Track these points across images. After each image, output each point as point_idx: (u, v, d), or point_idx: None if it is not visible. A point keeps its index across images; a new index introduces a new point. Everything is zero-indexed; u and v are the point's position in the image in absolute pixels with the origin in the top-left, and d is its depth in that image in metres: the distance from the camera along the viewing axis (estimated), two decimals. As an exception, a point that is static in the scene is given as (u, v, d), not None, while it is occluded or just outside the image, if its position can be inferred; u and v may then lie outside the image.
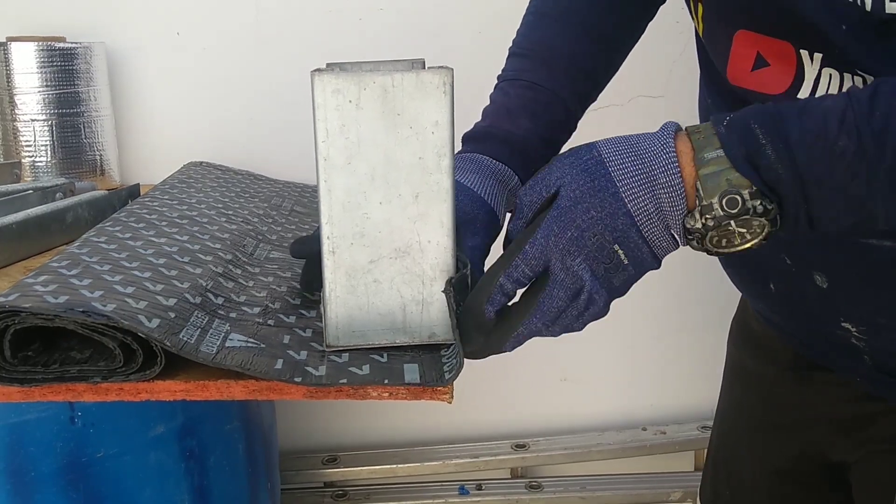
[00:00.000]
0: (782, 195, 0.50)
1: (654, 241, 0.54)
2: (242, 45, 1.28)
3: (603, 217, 0.53)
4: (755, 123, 0.50)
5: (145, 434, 0.88)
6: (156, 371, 0.54)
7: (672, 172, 0.52)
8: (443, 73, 0.53)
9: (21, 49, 1.09)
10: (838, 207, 0.50)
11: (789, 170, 0.49)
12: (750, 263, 0.75)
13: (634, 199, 0.52)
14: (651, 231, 0.53)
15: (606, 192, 0.53)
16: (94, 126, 1.16)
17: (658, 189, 0.52)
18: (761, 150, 0.49)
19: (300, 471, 1.42)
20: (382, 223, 0.55)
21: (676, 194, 0.51)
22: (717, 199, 0.50)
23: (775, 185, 0.49)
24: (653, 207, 0.52)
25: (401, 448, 1.46)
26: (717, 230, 0.51)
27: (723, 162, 0.50)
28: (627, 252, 0.54)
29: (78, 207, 0.91)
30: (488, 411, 1.49)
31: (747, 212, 0.49)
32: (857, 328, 0.67)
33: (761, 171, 0.49)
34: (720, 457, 0.94)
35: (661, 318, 1.49)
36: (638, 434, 1.47)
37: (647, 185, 0.52)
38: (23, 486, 0.83)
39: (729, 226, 0.50)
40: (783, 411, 0.83)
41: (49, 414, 0.83)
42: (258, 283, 0.69)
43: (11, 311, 0.52)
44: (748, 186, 0.49)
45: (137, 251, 0.68)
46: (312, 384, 0.54)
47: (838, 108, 0.48)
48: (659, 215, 0.52)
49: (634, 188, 0.52)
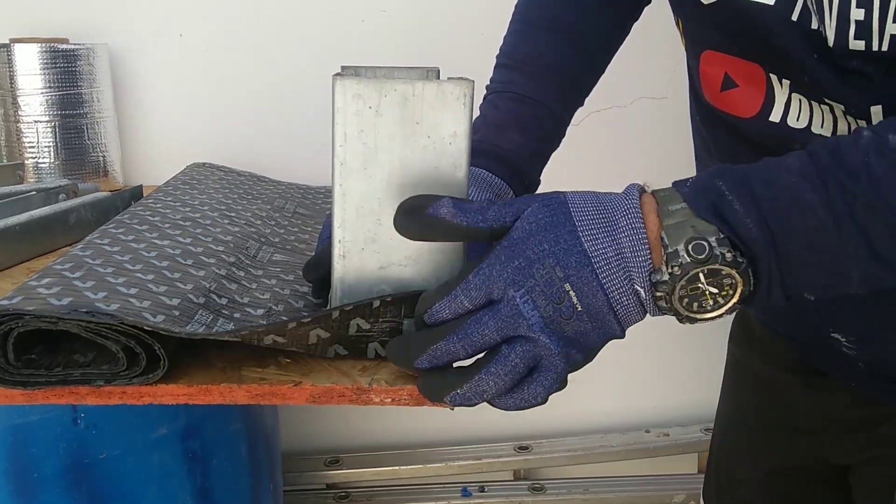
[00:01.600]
0: (753, 252, 0.47)
1: (613, 291, 0.49)
2: (245, 46, 1.28)
3: (556, 251, 0.49)
4: (719, 181, 0.48)
5: (148, 435, 0.88)
6: (159, 375, 0.54)
7: (634, 217, 0.49)
8: (463, 85, 0.52)
9: (24, 50, 1.09)
10: (811, 266, 0.48)
11: (758, 223, 0.47)
12: None
13: (593, 240, 0.49)
14: (610, 278, 0.49)
15: (563, 228, 0.49)
16: (97, 127, 1.16)
17: (619, 233, 0.49)
18: (727, 203, 0.48)
19: (303, 472, 1.42)
20: (395, 230, 0.55)
21: (638, 240, 0.48)
22: (683, 245, 0.47)
23: (745, 240, 0.47)
24: (612, 252, 0.49)
25: (403, 450, 1.46)
26: (687, 285, 0.47)
27: (688, 213, 0.48)
28: (581, 296, 0.49)
29: (81, 209, 0.91)
30: (491, 413, 1.47)
31: (715, 259, 0.47)
32: (846, 339, 0.67)
33: (729, 223, 0.47)
34: (722, 457, 0.94)
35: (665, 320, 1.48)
36: (641, 436, 1.47)
37: (608, 227, 0.49)
38: (26, 487, 0.83)
39: (698, 280, 0.47)
40: (786, 413, 0.83)
41: (52, 415, 0.83)
42: (261, 285, 0.69)
43: (15, 315, 0.52)
44: (715, 233, 0.47)
45: (140, 253, 0.68)
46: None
47: (800, 164, 0.48)
48: (619, 261, 0.49)
49: (593, 229, 0.49)
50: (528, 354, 0.49)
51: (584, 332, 0.50)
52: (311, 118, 1.29)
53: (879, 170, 0.45)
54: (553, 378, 0.50)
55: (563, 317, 0.49)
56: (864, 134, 0.47)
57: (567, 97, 0.77)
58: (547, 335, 0.49)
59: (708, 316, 0.49)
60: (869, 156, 0.46)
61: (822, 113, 0.59)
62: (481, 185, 0.69)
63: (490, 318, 0.49)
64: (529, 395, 0.51)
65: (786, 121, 0.61)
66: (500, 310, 0.49)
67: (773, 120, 0.61)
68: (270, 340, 0.55)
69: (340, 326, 0.57)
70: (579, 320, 0.49)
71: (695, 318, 0.49)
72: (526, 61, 0.75)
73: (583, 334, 0.50)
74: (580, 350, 0.50)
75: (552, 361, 0.49)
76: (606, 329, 0.50)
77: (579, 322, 0.49)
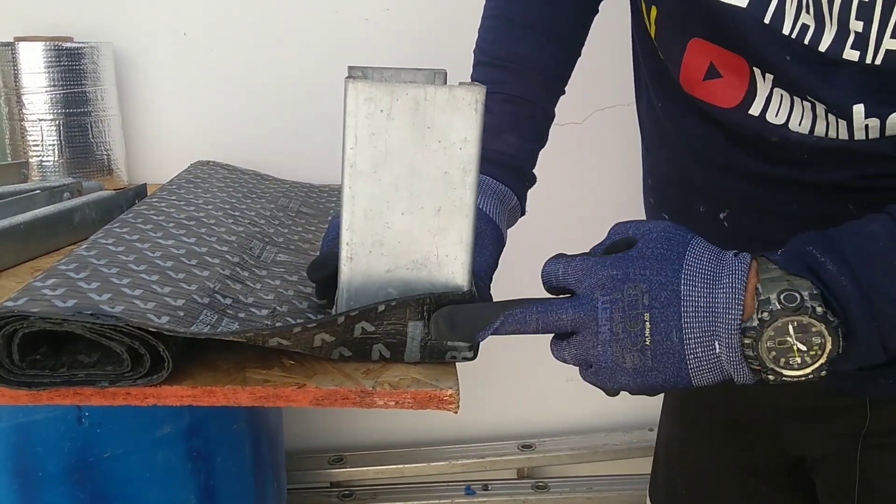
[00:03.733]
0: (848, 311, 0.48)
1: (691, 338, 0.50)
2: (249, 44, 1.28)
3: (652, 280, 0.50)
4: (809, 246, 0.50)
5: (152, 434, 0.88)
6: (163, 376, 0.54)
7: (739, 275, 0.50)
8: (475, 91, 0.52)
9: (28, 49, 1.09)
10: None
11: (852, 282, 0.48)
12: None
13: (692, 286, 0.50)
14: (691, 324, 0.50)
15: (670, 265, 0.51)
16: (101, 126, 1.16)
17: (718, 287, 0.50)
18: (821, 265, 0.49)
19: (306, 471, 1.42)
20: (402, 234, 0.55)
21: (735, 297, 0.49)
22: (776, 294, 0.48)
23: (839, 297, 0.48)
24: (704, 302, 0.50)
25: (407, 448, 1.46)
26: (776, 336, 0.48)
27: (784, 273, 0.49)
28: (654, 330, 0.50)
29: (85, 208, 0.91)
30: (495, 412, 1.49)
31: (806, 310, 0.48)
32: None
33: (823, 280, 0.48)
34: (673, 455, 0.93)
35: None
36: (645, 435, 1.47)
37: (710, 279, 0.50)
38: (30, 486, 0.84)
39: (787, 333, 0.48)
40: (746, 408, 0.82)
41: (56, 414, 0.83)
42: (265, 285, 0.69)
43: (20, 316, 0.52)
44: (808, 288, 0.48)
45: (145, 254, 0.68)
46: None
47: (887, 228, 0.49)
48: (708, 313, 0.50)
49: (696, 278, 0.50)
50: (580, 357, 0.52)
51: (643, 368, 0.51)
52: (314, 116, 1.29)
53: None
54: (596, 371, 0.53)
55: (630, 342, 0.50)
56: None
57: (554, 93, 0.78)
58: (604, 350, 0.51)
59: (795, 374, 0.49)
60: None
61: (802, 109, 0.59)
62: (486, 192, 0.69)
63: (571, 306, 0.51)
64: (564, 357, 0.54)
65: (764, 115, 0.62)
66: (582, 304, 0.51)
67: (752, 113, 0.62)
68: (275, 343, 0.55)
69: (345, 330, 0.57)
70: (643, 354, 0.50)
71: (781, 373, 0.49)
72: (511, 60, 0.75)
73: (642, 370, 0.51)
74: (635, 383, 0.52)
75: (597, 373, 0.52)
76: (672, 374, 0.51)
77: (642, 356, 0.50)
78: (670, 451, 0.93)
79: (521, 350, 1.45)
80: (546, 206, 1.17)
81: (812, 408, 0.75)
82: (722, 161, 0.68)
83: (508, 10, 0.77)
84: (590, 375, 0.54)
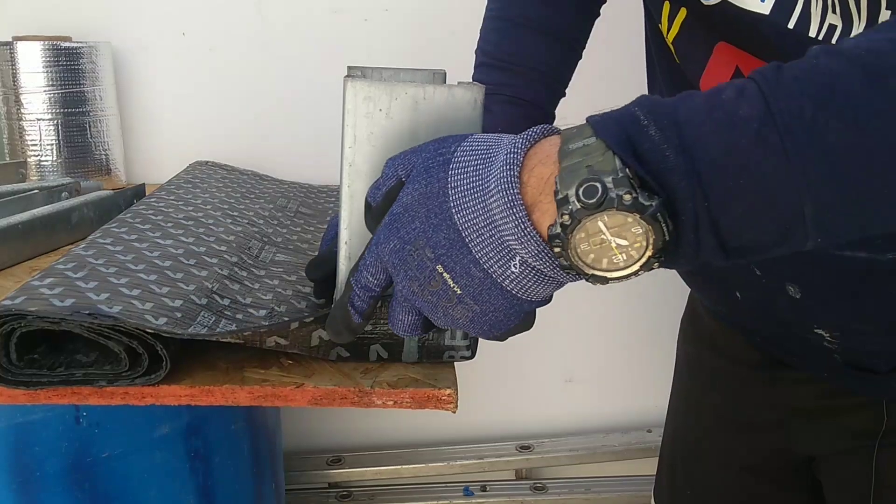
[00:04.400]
0: (670, 188, 0.39)
1: (491, 264, 0.43)
2: (248, 45, 1.28)
3: (426, 229, 0.44)
4: (637, 108, 0.40)
5: (150, 434, 0.88)
6: (161, 375, 0.54)
7: (507, 172, 0.42)
8: (474, 90, 0.52)
9: (27, 48, 1.09)
10: (749, 203, 0.38)
11: (677, 150, 0.38)
12: (712, 272, 0.72)
13: (464, 209, 0.43)
14: (484, 250, 0.43)
15: (436, 200, 0.44)
16: (99, 125, 1.16)
17: (489, 195, 0.42)
18: (641, 131, 0.39)
19: (305, 471, 1.42)
20: None
21: (510, 199, 0.41)
22: (574, 189, 0.39)
23: (659, 173, 0.39)
24: (483, 220, 0.42)
25: (405, 449, 1.46)
26: (588, 237, 0.40)
27: (589, 149, 0.40)
28: (455, 277, 0.44)
29: (83, 207, 0.91)
30: (493, 412, 1.49)
31: (611, 203, 0.38)
32: (830, 334, 0.66)
33: (640, 154, 0.39)
34: (677, 456, 0.92)
35: (667, 320, 1.48)
36: (643, 436, 1.47)
37: (480, 190, 0.43)
38: (28, 486, 0.83)
39: (601, 232, 0.40)
40: (749, 408, 0.82)
41: (55, 414, 0.83)
42: (263, 286, 0.69)
43: (17, 315, 0.52)
44: (613, 171, 0.39)
45: (143, 253, 0.68)
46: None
47: (737, 83, 0.40)
48: (491, 229, 0.42)
49: (466, 196, 0.43)
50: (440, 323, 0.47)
51: (476, 314, 0.45)
52: (313, 117, 1.29)
53: (835, 65, 0.38)
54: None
55: (445, 299, 0.44)
56: (811, 48, 0.40)
57: (555, 94, 0.78)
58: (435, 316, 0.46)
59: (620, 274, 0.41)
60: (819, 57, 0.39)
61: None
62: None
63: (398, 309, 0.48)
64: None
65: None
66: (398, 299, 0.47)
67: None
68: (273, 342, 0.55)
69: None
70: (463, 303, 0.44)
71: (604, 276, 0.41)
72: (513, 61, 0.75)
73: (481, 319, 0.45)
74: (484, 329, 0.46)
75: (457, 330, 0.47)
76: (504, 303, 0.44)
77: (464, 307, 0.44)
78: (675, 450, 0.93)
79: (519, 351, 1.45)
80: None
81: (822, 406, 0.75)
82: None
83: (510, 11, 0.77)
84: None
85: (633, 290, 1.44)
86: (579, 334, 1.47)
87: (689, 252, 0.40)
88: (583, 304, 1.45)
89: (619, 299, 1.46)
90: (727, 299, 0.74)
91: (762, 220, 0.39)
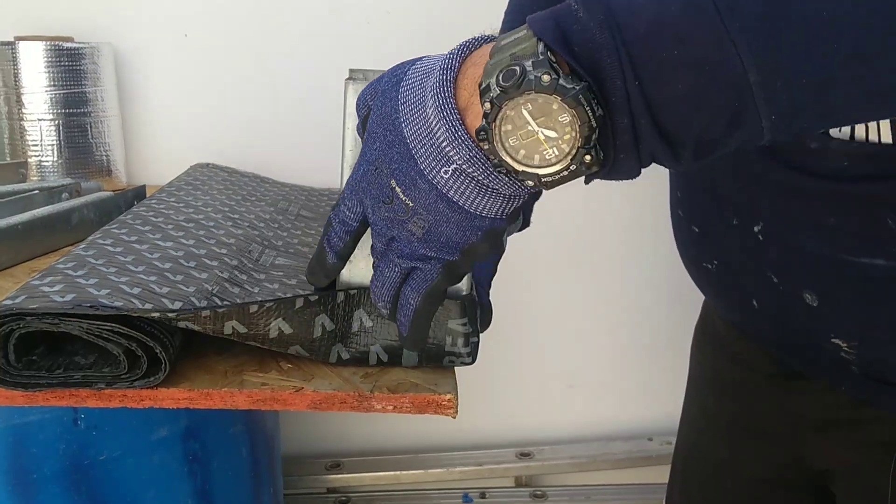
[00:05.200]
0: (598, 66, 0.36)
1: (433, 173, 0.42)
2: (250, 46, 1.28)
3: (383, 147, 0.44)
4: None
5: (148, 437, 0.88)
6: (160, 378, 0.53)
7: (441, 76, 0.41)
8: None
9: (29, 48, 1.09)
10: (686, 77, 0.35)
11: (602, 25, 0.36)
12: (727, 277, 0.72)
13: (411, 121, 0.42)
14: (427, 159, 0.42)
15: (390, 119, 0.43)
16: (100, 126, 1.16)
17: (426, 103, 0.41)
18: (571, 14, 0.37)
19: (303, 476, 1.42)
20: None
21: (444, 101, 0.40)
22: (495, 77, 0.38)
23: (585, 51, 0.37)
24: (424, 130, 0.41)
25: (404, 455, 1.46)
26: (516, 130, 0.38)
27: (518, 41, 0.39)
28: (405, 189, 0.43)
29: (84, 209, 0.90)
30: (493, 419, 1.48)
31: (529, 85, 0.36)
32: (847, 343, 0.65)
33: (565, 34, 0.37)
34: (690, 466, 0.92)
35: (670, 327, 1.48)
36: (644, 444, 1.47)
37: (421, 101, 0.42)
38: (25, 488, 0.83)
39: (527, 123, 0.38)
40: (765, 419, 0.81)
41: (53, 416, 0.82)
42: (263, 289, 0.69)
43: (17, 315, 0.52)
44: (532, 52, 0.37)
45: (143, 255, 0.68)
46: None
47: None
48: (430, 136, 0.41)
49: (412, 108, 0.42)
50: (396, 266, 0.47)
51: (434, 230, 0.44)
52: (315, 119, 1.29)
53: None
54: (421, 284, 0.47)
55: (401, 216, 0.44)
56: None
57: None
58: (396, 243, 0.46)
59: (551, 170, 0.39)
60: None
61: None
62: None
63: (375, 237, 0.48)
64: (403, 302, 0.48)
65: None
66: (373, 225, 0.47)
67: None
68: (231, 329, 0.55)
69: (305, 325, 0.56)
70: (418, 217, 0.44)
71: (536, 174, 0.39)
72: None
73: (435, 232, 0.44)
74: (443, 250, 0.45)
75: (419, 269, 0.47)
76: (454, 214, 0.43)
77: (420, 219, 0.44)
78: (688, 459, 0.92)
79: (520, 356, 1.44)
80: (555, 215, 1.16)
81: (838, 418, 0.73)
82: (757, 172, 0.64)
83: (524, 6, 0.76)
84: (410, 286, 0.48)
85: (637, 296, 1.44)
86: (581, 340, 1.46)
87: (627, 142, 0.38)
88: (585, 310, 1.44)
89: (621, 305, 1.46)
90: (743, 307, 0.73)
91: (704, 97, 0.36)
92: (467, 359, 0.58)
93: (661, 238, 1.46)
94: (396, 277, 0.48)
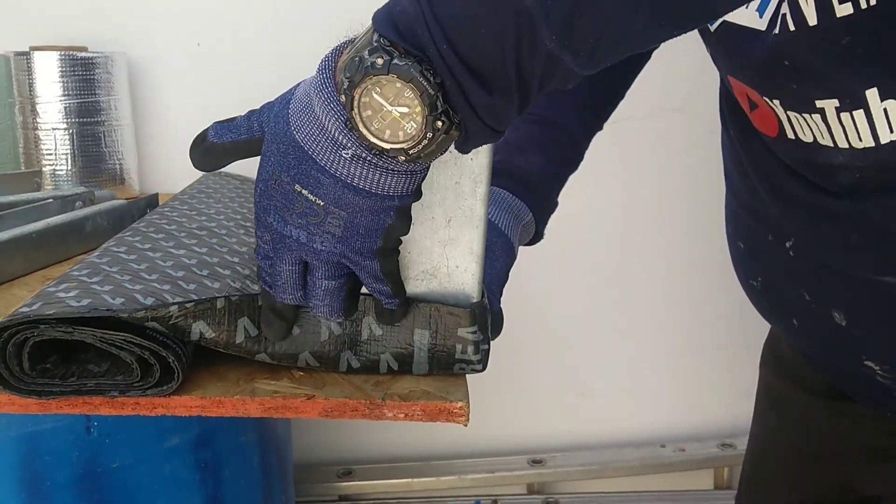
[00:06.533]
0: (416, 34, 0.40)
1: (332, 165, 0.44)
2: (262, 55, 1.28)
3: (279, 159, 0.46)
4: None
5: (160, 445, 0.88)
6: (173, 387, 0.53)
7: (323, 78, 0.44)
8: None
9: (43, 58, 1.10)
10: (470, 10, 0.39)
11: (417, 4, 0.39)
12: (771, 295, 0.72)
13: (301, 126, 0.45)
14: (323, 155, 0.44)
15: (284, 133, 0.46)
16: (114, 135, 1.16)
17: (315, 105, 0.44)
18: (399, 3, 0.41)
19: (315, 483, 1.42)
20: (412, 244, 0.54)
21: (328, 97, 0.43)
22: (343, 71, 0.42)
23: (406, 31, 0.40)
24: (316, 128, 0.44)
25: (416, 462, 1.46)
26: (373, 115, 0.42)
27: (363, 37, 0.43)
28: (312, 189, 0.45)
29: (97, 217, 0.91)
30: (505, 426, 1.48)
31: (368, 71, 0.40)
32: (880, 367, 0.64)
33: (393, 17, 0.41)
34: (752, 483, 0.92)
35: (681, 335, 1.47)
36: (656, 451, 1.46)
37: (308, 105, 0.45)
38: (38, 496, 0.83)
39: (382, 107, 0.41)
40: (817, 440, 0.80)
41: (65, 424, 0.83)
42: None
43: (31, 322, 0.52)
44: (368, 44, 0.41)
45: (157, 263, 0.68)
46: None
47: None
48: (321, 132, 0.44)
49: (299, 115, 0.46)
50: (327, 271, 0.49)
51: (352, 222, 0.46)
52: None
53: None
54: (370, 278, 0.50)
55: (315, 219, 0.46)
56: None
57: (586, 121, 0.76)
58: (320, 245, 0.47)
59: (413, 143, 0.42)
60: None
61: (816, 124, 0.57)
62: (501, 205, 0.68)
63: (278, 262, 0.49)
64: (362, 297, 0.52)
65: (800, 138, 0.59)
66: (278, 242, 0.49)
67: (790, 138, 0.60)
68: (198, 333, 0.55)
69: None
70: (331, 214, 0.46)
71: (405, 149, 0.43)
72: None
73: (353, 224, 0.47)
74: (368, 239, 0.47)
75: (356, 264, 0.49)
76: (370, 206, 0.46)
77: (334, 217, 0.46)
78: (750, 474, 0.92)
79: (532, 363, 1.44)
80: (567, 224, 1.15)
81: (885, 446, 0.73)
82: (785, 189, 0.65)
83: None
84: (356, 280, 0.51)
85: (649, 304, 1.44)
86: (593, 349, 1.46)
87: (462, 101, 0.41)
88: (596, 318, 1.44)
89: (633, 313, 1.45)
90: (787, 326, 0.73)
91: (490, 23, 0.38)
92: (478, 366, 0.58)
93: (673, 248, 1.46)
94: (334, 287, 0.50)
